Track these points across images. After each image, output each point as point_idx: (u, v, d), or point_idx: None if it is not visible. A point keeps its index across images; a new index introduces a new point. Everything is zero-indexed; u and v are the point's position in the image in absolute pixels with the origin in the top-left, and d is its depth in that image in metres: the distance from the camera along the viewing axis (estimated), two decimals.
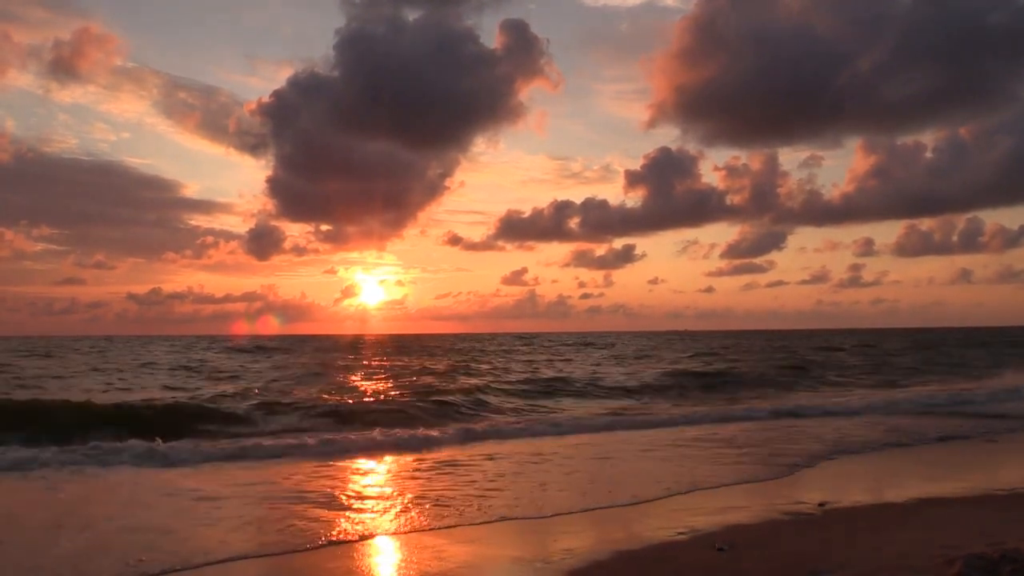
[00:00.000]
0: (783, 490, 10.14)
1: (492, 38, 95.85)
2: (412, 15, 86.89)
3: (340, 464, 12.27)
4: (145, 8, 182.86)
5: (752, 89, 64.89)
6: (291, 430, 16.33)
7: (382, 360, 48.04)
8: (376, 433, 14.91)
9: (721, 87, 67.95)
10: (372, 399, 21.90)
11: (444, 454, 13.28)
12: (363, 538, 7.72)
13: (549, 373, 32.85)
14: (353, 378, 31.76)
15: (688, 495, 9.89)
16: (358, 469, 11.97)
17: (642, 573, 6.41)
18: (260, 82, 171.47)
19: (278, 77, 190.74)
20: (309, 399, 20.92)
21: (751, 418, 18.59)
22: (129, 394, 23.46)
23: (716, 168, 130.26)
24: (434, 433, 15.21)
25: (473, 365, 39.72)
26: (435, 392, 23.17)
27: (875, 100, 64.15)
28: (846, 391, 26.88)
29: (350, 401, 21.04)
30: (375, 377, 32.38)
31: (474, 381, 27.70)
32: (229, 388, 24.90)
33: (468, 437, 15.29)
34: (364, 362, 45.84)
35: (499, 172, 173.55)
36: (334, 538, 7.67)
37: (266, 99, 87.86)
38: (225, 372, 34.63)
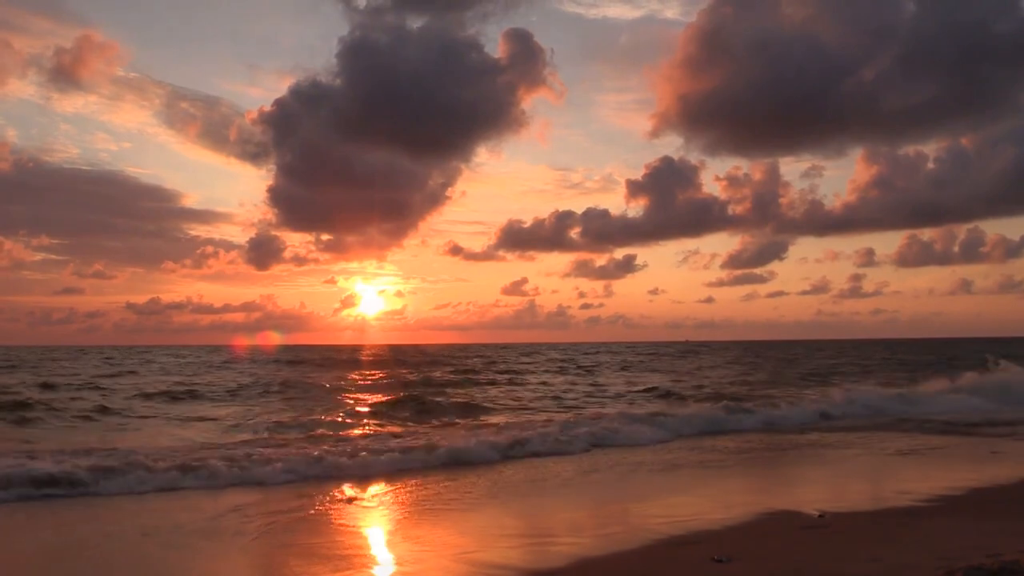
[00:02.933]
0: (783, 499, 10.13)
1: (495, 48, 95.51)
2: (415, 23, 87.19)
3: None
4: (146, 18, 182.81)
5: (755, 99, 64.71)
6: None
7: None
8: None
9: (724, 97, 67.78)
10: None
11: None
12: None
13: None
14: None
15: (685, 500, 9.88)
16: None
17: None
18: (261, 92, 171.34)
19: (279, 87, 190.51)
20: None
21: None
22: None
23: (718, 178, 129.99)
24: None
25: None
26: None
27: (877, 110, 64.00)
28: None
29: None
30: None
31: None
32: None
33: None
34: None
35: (500, 182, 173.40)
36: None
37: (268, 108, 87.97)
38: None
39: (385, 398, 26.20)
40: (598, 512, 10.01)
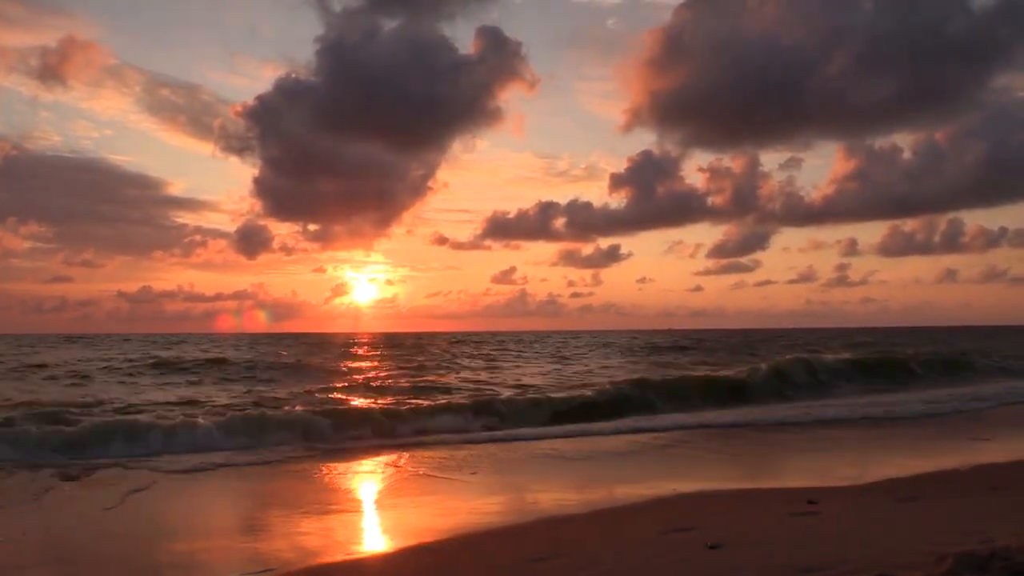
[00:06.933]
0: (773, 486, 10.14)
1: (476, 42, 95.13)
2: (397, 17, 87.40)
3: None
4: (123, 3, 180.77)
5: (732, 93, 65.91)
6: None
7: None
8: None
9: (703, 90, 68.76)
10: None
11: None
12: None
13: None
14: None
15: (679, 493, 9.88)
16: None
17: (633, 569, 6.37)
18: (243, 81, 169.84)
19: (261, 75, 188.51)
20: None
21: None
22: None
23: (700, 169, 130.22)
24: None
25: None
26: None
27: (858, 104, 65.07)
28: None
29: None
30: None
31: None
32: None
33: None
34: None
35: (487, 171, 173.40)
36: None
37: (251, 102, 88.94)
38: None
39: None
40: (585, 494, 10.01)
